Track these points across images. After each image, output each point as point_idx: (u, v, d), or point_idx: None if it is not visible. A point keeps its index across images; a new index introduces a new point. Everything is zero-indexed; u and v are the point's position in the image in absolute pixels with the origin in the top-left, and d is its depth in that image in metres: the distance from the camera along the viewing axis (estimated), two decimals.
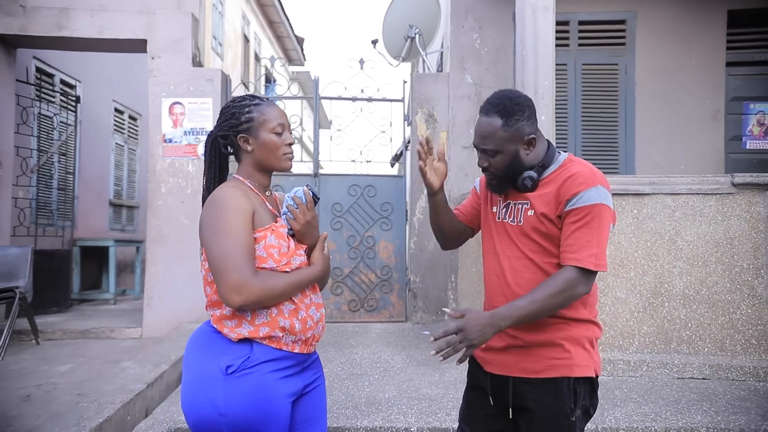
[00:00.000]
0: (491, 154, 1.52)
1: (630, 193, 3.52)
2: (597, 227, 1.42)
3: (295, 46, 14.63)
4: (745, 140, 5.16)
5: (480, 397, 1.61)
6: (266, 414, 1.37)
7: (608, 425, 2.60)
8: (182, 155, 4.95)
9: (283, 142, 1.50)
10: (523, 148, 1.51)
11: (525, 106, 1.52)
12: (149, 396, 3.13)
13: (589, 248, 1.41)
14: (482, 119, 1.53)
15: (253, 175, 1.51)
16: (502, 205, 1.61)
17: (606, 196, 1.46)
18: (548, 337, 1.49)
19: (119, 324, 5.02)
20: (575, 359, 1.47)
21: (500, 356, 1.55)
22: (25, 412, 2.81)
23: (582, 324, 1.51)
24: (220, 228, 1.36)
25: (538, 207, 1.50)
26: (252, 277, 1.33)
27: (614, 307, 3.49)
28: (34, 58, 5.97)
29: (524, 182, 1.52)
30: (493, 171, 1.54)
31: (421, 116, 5.38)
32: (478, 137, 1.54)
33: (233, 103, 1.52)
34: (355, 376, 3.47)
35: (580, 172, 1.47)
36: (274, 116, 1.49)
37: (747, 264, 3.41)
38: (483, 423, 1.60)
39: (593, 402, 1.52)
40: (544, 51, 3.61)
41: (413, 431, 2.64)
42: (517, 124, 1.49)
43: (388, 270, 5.44)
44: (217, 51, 9.81)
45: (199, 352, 1.42)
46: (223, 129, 1.50)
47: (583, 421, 1.50)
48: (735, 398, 2.95)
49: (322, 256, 1.51)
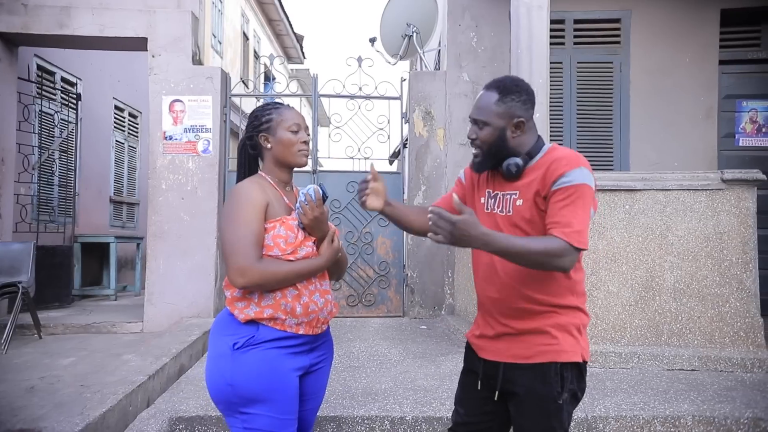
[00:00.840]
0: (480, 125, 1.58)
1: (622, 189, 3.59)
2: (581, 206, 1.47)
3: (295, 44, 14.67)
4: (738, 137, 5.22)
5: (473, 380, 1.67)
6: (271, 385, 1.51)
7: (597, 414, 2.68)
8: (182, 152, 5.01)
9: (298, 140, 1.66)
10: (510, 128, 1.56)
11: (524, 91, 1.59)
12: (151, 387, 3.20)
13: (573, 225, 1.44)
14: (482, 93, 1.61)
15: (274, 171, 1.67)
16: (490, 196, 1.65)
17: (589, 177, 1.51)
18: (537, 325, 1.54)
19: (120, 319, 5.09)
20: (563, 345, 1.53)
21: (493, 343, 1.62)
22: (30, 403, 2.88)
23: (570, 311, 1.56)
24: (233, 217, 1.53)
25: (526, 195, 1.55)
26: (255, 262, 1.49)
27: (606, 300, 3.56)
28: (35, 56, 6.03)
29: (509, 168, 1.57)
30: (479, 144, 1.59)
31: (418, 114, 5.44)
32: (474, 108, 1.61)
33: (257, 108, 1.72)
34: (353, 368, 3.54)
35: (564, 155, 1.54)
36: (290, 117, 1.66)
37: (736, 258, 3.48)
38: (476, 405, 1.67)
39: (581, 386, 1.58)
40: (539, 49, 3.67)
41: (408, 420, 2.72)
42: (510, 103, 1.56)
43: (385, 265, 5.51)
44: (216, 49, 9.85)
45: (216, 332, 1.60)
46: (248, 131, 1.69)
47: (572, 405, 1.56)
48: (722, 388, 3.02)
49: (329, 248, 1.63)
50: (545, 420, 1.53)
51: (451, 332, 4.62)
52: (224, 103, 5.19)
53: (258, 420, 1.50)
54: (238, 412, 1.51)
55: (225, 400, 1.52)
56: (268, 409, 1.50)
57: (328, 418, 2.73)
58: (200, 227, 4.92)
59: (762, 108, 5.21)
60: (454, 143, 5.37)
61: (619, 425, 2.65)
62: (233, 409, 1.52)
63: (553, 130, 4.98)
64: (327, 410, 2.78)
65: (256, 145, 1.69)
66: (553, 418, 1.52)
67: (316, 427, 2.71)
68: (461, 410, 1.71)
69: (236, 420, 1.52)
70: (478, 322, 1.70)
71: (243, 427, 1.51)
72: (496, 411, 1.64)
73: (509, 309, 1.57)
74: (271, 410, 1.50)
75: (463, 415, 1.70)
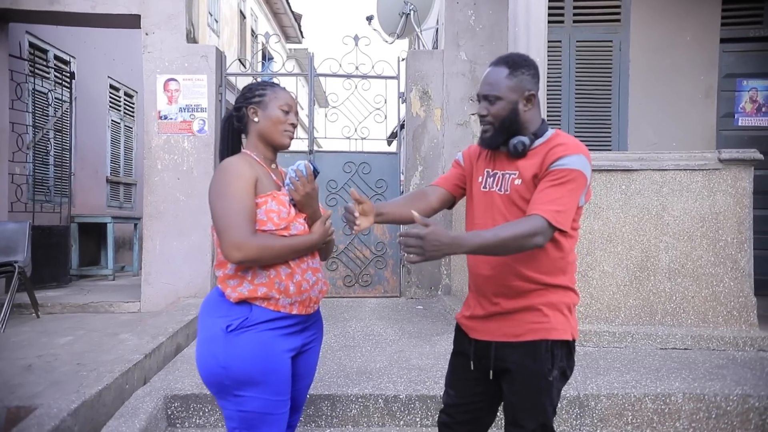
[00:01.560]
0: (492, 100, 1.57)
1: (619, 169, 3.57)
2: (569, 189, 1.47)
3: (293, 22, 14.49)
4: (737, 117, 5.18)
5: (464, 362, 1.68)
6: (265, 367, 1.50)
7: (590, 392, 2.70)
8: (178, 132, 4.97)
9: (287, 120, 1.65)
10: (522, 102, 1.57)
11: (532, 65, 1.61)
12: (147, 366, 3.22)
13: (554, 205, 1.45)
14: (490, 69, 1.61)
15: (258, 148, 1.65)
16: (489, 175, 1.65)
17: (585, 165, 1.52)
18: (528, 303, 1.56)
19: (118, 298, 5.11)
20: (553, 323, 1.55)
21: (484, 323, 1.63)
22: (26, 381, 2.90)
23: (560, 290, 1.58)
24: (224, 192, 1.50)
25: (526, 176, 1.55)
26: (251, 236, 1.47)
27: (601, 280, 3.57)
28: (26, 32, 5.94)
29: (516, 146, 1.57)
30: (490, 120, 1.59)
31: (415, 93, 5.39)
32: (483, 85, 1.60)
33: (253, 83, 1.71)
34: (348, 348, 3.56)
35: (566, 142, 1.55)
36: (284, 97, 1.66)
37: (731, 238, 3.48)
38: (467, 386, 1.68)
39: (570, 364, 1.59)
40: (536, 27, 3.61)
41: (402, 398, 2.74)
42: (521, 76, 1.57)
43: (382, 246, 5.51)
44: (213, 27, 9.73)
45: (206, 314, 1.58)
46: (238, 102, 1.67)
47: (561, 382, 1.59)
48: (713, 366, 3.05)
49: (322, 226, 1.62)
50: (536, 396, 1.54)
51: (447, 312, 4.64)
52: (220, 82, 5.13)
53: (251, 402, 1.49)
54: (231, 394, 1.50)
55: (217, 383, 1.51)
56: (262, 391, 1.50)
57: (323, 396, 2.75)
58: (196, 207, 4.91)
59: (762, 87, 5.17)
60: (452, 123, 5.33)
61: (611, 403, 2.68)
62: (226, 391, 1.50)
63: (551, 110, 4.94)
64: (321, 388, 2.80)
65: (243, 117, 1.67)
66: (544, 395, 1.54)
67: (311, 404, 2.74)
68: (452, 392, 1.72)
69: (229, 402, 1.51)
70: (469, 303, 1.71)
71: (236, 410, 1.50)
72: (486, 391, 1.66)
73: (501, 287, 1.58)
74: (265, 392, 1.50)
75: (455, 396, 1.71)
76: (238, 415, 1.51)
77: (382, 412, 2.74)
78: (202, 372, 1.53)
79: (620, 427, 2.67)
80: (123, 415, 2.54)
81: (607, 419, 2.68)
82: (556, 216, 1.44)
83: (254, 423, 1.51)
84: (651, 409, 2.67)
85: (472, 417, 1.69)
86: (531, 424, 1.54)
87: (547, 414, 1.55)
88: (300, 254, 1.57)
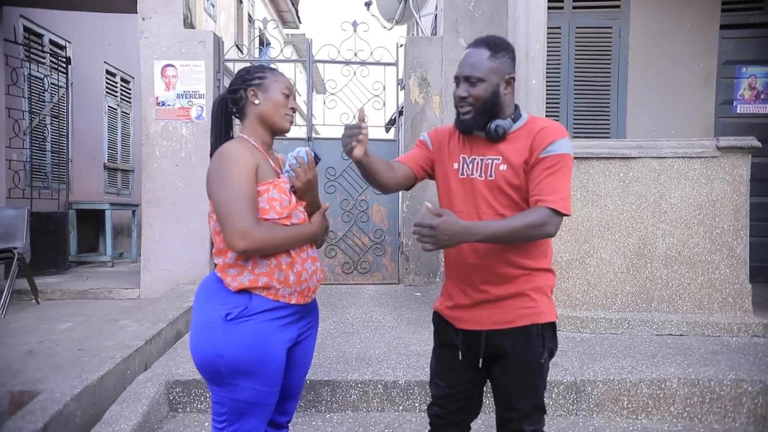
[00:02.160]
0: (474, 82, 1.56)
1: (617, 157, 3.58)
2: (565, 175, 1.53)
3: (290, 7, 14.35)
4: (736, 104, 5.18)
5: (451, 352, 1.68)
6: (261, 358, 1.49)
7: (586, 377, 2.74)
8: (175, 118, 4.95)
9: (288, 104, 1.62)
10: (503, 84, 1.58)
11: (511, 48, 1.62)
12: (148, 352, 3.25)
13: (559, 193, 1.49)
14: (470, 51, 1.60)
15: (257, 132, 1.62)
16: (466, 161, 1.63)
17: (571, 148, 1.57)
18: (517, 289, 1.58)
19: (117, 285, 5.13)
20: (541, 307, 1.59)
21: (471, 312, 1.62)
22: (28, 366, 2.92)
23: (543, 273, 1.61)
24: (226, 179, 1.47)
25: (512, 160, 1.55)
26: (255, 225, 1.45)
27: (599, 267, 3.60)
28: (21, 16, 5.87)
29: (496, 129, 1.57)
30: (471, 102, 1.57)
31: (414, 80, 5.37)
32: (464, 66, 1.59)
33: (251, 66, 1.67)
34: (347, 334, 3.59)
35: (550, 126, 1.57)
36: (284, 81, 1.64)
37: (728, 226, 3.50)
38: (456, 376, 1.69)
39: (555, 344, 1.65)
40: (536, 14, 3.59)
41: (401, 384, 2.78)
42: (502, 59, 1.58)
43: (381, 233, 5.53)
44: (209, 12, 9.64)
45: (203, 300, 1.55)
46: (235, 84, 1.62)
47: (548, 362, 1.64)
48: (708, 352, 3.09)
49: (321, 216, 1.62)
50: (530, 379, 1.59)
51: None
52: (217, 68, 5.10)
53: (244, 392, 1.49)
54: (225, 382, 1.49)
55: (212, 370, 1.49)
56: (256, 382, 1.49)
57: (323, 382, 2.79)
58: (195, 194, 4.91)
59: (761, 74, 5.16)
60: (450, 110, 5.31)
61: (607, 388, 2.72)
62: (220, 378, 1.49)
63: (549, 97, 4.93)
64: (321, 374, 2.84)
65: (239, 100, 1.62)
66: (537, 377, 1.59)
67: (311, 390, 2.77)
68: (442, 383, 1.72)
69: (221, 389, 1.51)
70: (450, 293, 1.68)
71: (229, 398, 1.50)
72: (476, 378, 1.68)
73: (489, 275, 1.58)
74: (258, 383, 1.50)
75: (444, 387, 1.71)
76: (229, 402, 1.51)
77: (381, 398, 2.78)
78: (197, 357, 1.51)
79: (616, 412, 2.72)
80: (125, 400, 2.57)
81: (604, 404, 2.72)
82: (564, 204, 1.49)
83: (244, 411, 1.51)
84: (646, 394, 2.71)
85: (463, 405, 1.72)
86: (526, 405, 1.58)
87: (540, 395, 1.61)
88: (301, 244, 1.56)
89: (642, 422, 2.68)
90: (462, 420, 1.74)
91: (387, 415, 2.74)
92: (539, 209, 1.48)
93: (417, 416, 2.72)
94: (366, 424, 2.66)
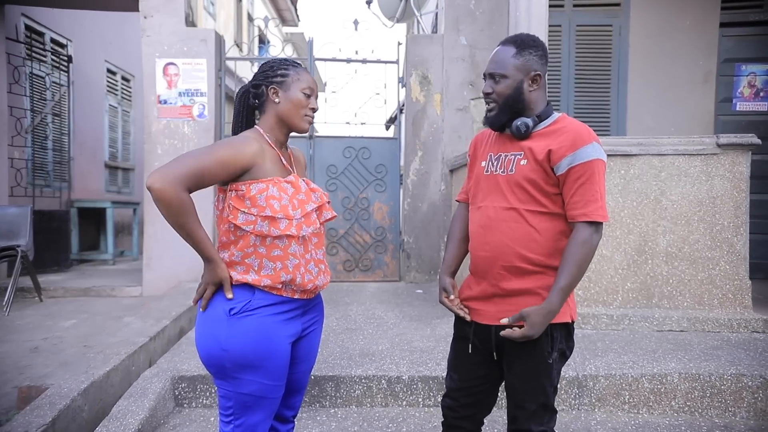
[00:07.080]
0: (497, 79, 1.58)
1: (618, 154, 3.60)
2: (597, 181, 1.52)
3: (289, 5, 14.34)
4: (736, 102, 5.21)
5: (465, 346, 1.69)
6: (265, 352, 1.50)
7: (588, 373, 2.76)
8: (177, 116, 4.97)
9: (308, 104, 1.61)
10: (528, 82, 1.58)
11: (540, 46, 1.61)
12: (152, 348, 3.27)
13: (593, 203, 1.50)
14: (498, 48, 1.62)
15: (274, 130, 1.60)
16: (492, 159, 1.65)
17: (601, 151, 1.55)
18: (528, 286, 1.56)
19: (120, 283, 5.14)
20: None
21: (483, 305, 1.64)
22: (34, 362, 2.94)
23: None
24: (211, 148, 1.49)
25: (533, 157, 1.55)
26: (181, 187, 1.42)
27: (600, 264, 3.62)
28: (22, 15, 5.89)
29: (518, 127, 1.58)
30: (494, 97, 1.60)
31: (415, 78, 5.39)
32: (490, 63, 1.62)
33: (274, 60, 1.64)
34: (350, 331, 3.61)
35: (578, 130, 1.55)
36: (307, 79, 1.61)
37: (728, 222, 3.52)
38: (470, 370, 1.70)
39: (569, 345, 1.61)
40: (537, 12, 3.62)
41: (405, 379, 2.80)
42: (528, 56, 1.58)
43: (382, 231, 5.55)
44: (209, 11, 9.64)
45: None
46: (257, 79, 1.61)
47: (560, 363, 1.61)
48: (708, 347, 3.12)
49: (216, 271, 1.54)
50: (536, 379, 1.57)
51: None
52: (219, 66, 5.11)
53: (249, 385, 1.50)
54: (230, 376, 1.50)
55: (217, 364, 1.50)
56: (261, 375, 1.50)
57: (327, 377, 2.81)
58: (196, 192, 4.90)
59: (761, 72, 5.18)
60: (451, 108, 5.33)
61: (609, 383, 2.74)
62: (225, 373, 1.50)
63: (551, 95, 4.95)
64: (326, 370, 2.86)
65: (261, 95, 1.61)
66: (544, 377, 1.57)
67: (316, 385, 2.79)
68: (455, 376, 1.74)
69: (227, 383, 1.52)
70: (470, 284, 1.71)
71: (235, 392, 1.51)
72: (489, 374, 1.69)
73: (502, 268, 1.58)
74: (263, 377, 1.51)
75: (458, 380, 1.73)
76: (235, 396, 1.52)
77: (385, 393, 2.80)
78: (202, 352, 1.52)
79: (618, 407, 2.74)
80: (132, 396, 2.59)
81: (605, 399, 2.75)
82: (601, 212, 1.51)
83: (250, 404, 1.52)
84: (647, 388, 2.73)
85: (475, 399, 1.72)
86: (532, 405, 1.57)
87: (547, 395, 1.58)
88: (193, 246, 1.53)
89: (643, 416, 2.70)
90: (474, 414, 1.74)
91: (391, 410, 2.76)
92: (577, 233, 1.51)
93: (420, 411, 2.74)
94: (370, 419, 2.68)
